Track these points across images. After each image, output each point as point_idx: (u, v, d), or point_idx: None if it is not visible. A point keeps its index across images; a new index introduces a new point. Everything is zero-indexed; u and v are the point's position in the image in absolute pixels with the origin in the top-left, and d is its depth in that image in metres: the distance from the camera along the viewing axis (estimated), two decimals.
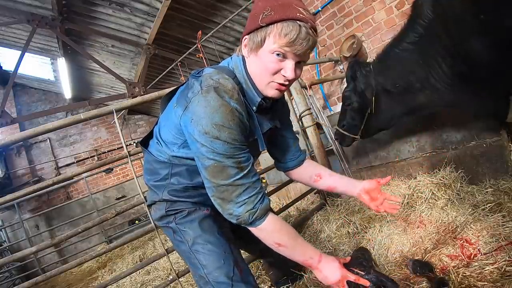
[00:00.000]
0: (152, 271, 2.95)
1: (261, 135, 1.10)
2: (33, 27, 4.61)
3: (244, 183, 0.96)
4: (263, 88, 1.00)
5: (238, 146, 0.94)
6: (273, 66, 0.93)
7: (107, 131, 8.14)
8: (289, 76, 0.93)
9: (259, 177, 1.02)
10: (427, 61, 1.61)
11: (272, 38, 0.89)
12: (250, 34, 0.94)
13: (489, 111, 1.67)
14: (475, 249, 1.35)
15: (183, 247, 1.18)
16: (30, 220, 6.03)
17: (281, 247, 1.01)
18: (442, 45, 1.52)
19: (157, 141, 1.17)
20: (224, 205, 0.98)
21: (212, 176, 0.95)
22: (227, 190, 0.95)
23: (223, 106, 0.90)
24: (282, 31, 0.87)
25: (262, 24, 0.88)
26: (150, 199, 1.24)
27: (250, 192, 0.97)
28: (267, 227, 1.00)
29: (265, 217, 1.00)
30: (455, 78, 1.56)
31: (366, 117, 1.99)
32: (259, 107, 1.06)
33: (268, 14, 0.87)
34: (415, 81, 1.71)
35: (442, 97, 1.66)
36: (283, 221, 1.06)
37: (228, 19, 4.23)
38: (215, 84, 0.93)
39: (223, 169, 0.93)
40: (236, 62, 1.05)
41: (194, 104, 0.93)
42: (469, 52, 1.44)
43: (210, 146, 0.91)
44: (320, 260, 1.02)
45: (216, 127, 0.90)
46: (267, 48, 0.91)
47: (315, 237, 2.17)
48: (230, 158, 0.93)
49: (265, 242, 1.03)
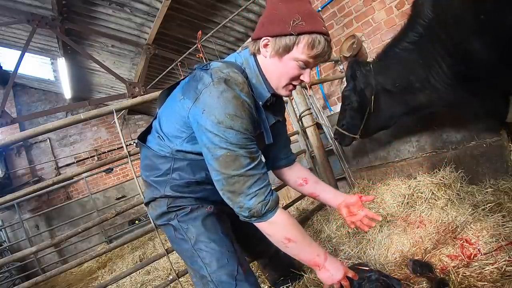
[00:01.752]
0: (152, 271, 2.95)
1: (268, 128, 1.12)
2: (33, 27, 4.61)
3: (255, 174, 0.97)
4: (279, 88, 1.05)
5: (249, 136, 0.96)
6: (295, 73, 1.00)
7: (107, 131, 8.13)
8: (307, 81, 1.02)
9: (266, 170, 1.03)
10: (427, 61, 1.61)
11: (301, 48, 0.94)
12: (275, 37, 0.97)
13: (488, 111, 1.66)
14: (475, 249, 1.35)
15: (185, 245, 1.16)
16: (30, 220, 6.03)
17: (291, 242, 1.00)
18: (441, 45, 1.52)
19: (158, 135, 1.16)
20: (234, 198, 0.98)
21: (224, 166, 0.95)
22: (239, 181, 0.95)
23: (235, 97, 0.93)
24: (312, 44, 0.93)
25: (293, 32, 0.92)
26: (148, 196, 1.21)
27: (261, 183, 0.97)
28: (279, 220, 1.00)
29: (276, 209, 1.00)
30: (454, 78, 1.56)
31: (365, 116, 1.98)
32: (265, 102, 1.09)
33: (299, 23, 0.92)
34: (414, 80, 1.71)
35: (442, 97, 1.66)
36: (292, 216, 1.06)
37: (228, 19, 4.23)
38: (226, 76, 0.96)
39: (235, 159, 0.94)
40: (246, 57, 1.08)
41: (206, 95, 0.95)
42: (468, 52, 1.44)
43: (224, 136, 0.93)
44: (326, 258, 1.03)
45: (230, 117, 0.92)
46: (293, 55, 0.96)
47: (315, 237, 2.17)
48: (243, 148, 0.95)
49: (274, 238, 1.02)
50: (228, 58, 1.14)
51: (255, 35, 1.03)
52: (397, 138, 2.59)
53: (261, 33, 1.01)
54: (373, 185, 2.58)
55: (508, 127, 1.92)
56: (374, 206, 2.14)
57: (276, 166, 1.41)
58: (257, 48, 1.03)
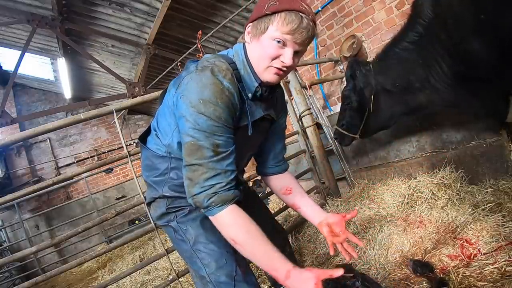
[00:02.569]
0: (152, 271, 2.95)
1: (250, 120, 1.08)
2: (33, 27, 4.61)
3: (215, 168, 0.94)
4: (261, 72, 1.03)
5: (221, 126, 0.94)
6: (273, 52, 0.98)
7: (107, 131, 8.13)
8: (287, 63, 0.98)
9: (234, 169, 0.99)
10: (426, 61, 1.61)
11: (275, 26, 0.95)
12: (254, 21, 1.00)
13: (488, 111, 1.66)
14: (475, 249, 1.35)
15: (184, 246, 1.16)
16: (30, 220, 6.03)
17: (237, 245, 0.95)
18: (441, 45, 1.52)
19: (155, 133, 1.17)
20: (190, 186, 0.96)
21: (188, 154, 0.95)
22: (197, 170, 0.94)
23: (214, 84, 0.93)
24: (285, 20, 0.93)
25: (267, 12, 0.95)
26: (149, 196, 1.22)
27: (219, 179, 0.94)
28: (224, 218, 0.96)
29: (224, 206, 0.95)
30: (454, 78, 1.56)
31: (365, 116, 1.98)
32: (255, 95, 1.07)
33: (273, 4, 0.94)
34: (414, 80, 1.71)
35: (442, 97, 1.66)
36: (248, 219, 0.96)
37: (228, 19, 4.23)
38: (210, 65, 0.97)
39: (198, 149, 0.93)
40: (236, 49, 1.09)
41: (186, 81, 0.97)
42: (468, 52, 1.44)
43: (194, 121, 0.92)
44: (288, 276, 0.88)
45: (203, 102, 0.92)
46: (269, 34, 0.97)
47: (315, 237, 2.17)
48: (209, 138, 0.93)
49: (222, 234, 0.98)
50: (223, 51, 1.16)
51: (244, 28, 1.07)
52: (397, 138, 2.59)
53: (247, 22, 1.04)
54: (373, 185, 2.58)
55: (508, 127, 1.92)
56: (374, 206, 2.14)
57: (266, 173, 1.36)
58: (244, 38, 1.07)
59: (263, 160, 1.36)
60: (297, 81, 2.77)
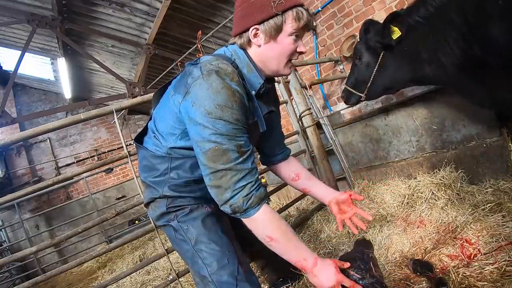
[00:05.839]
0: (152, 271, 2.95)
1: (261, 116, 1.13)
2: (33, 27, 4.61)
3: (243, 169, 0.96)
4: (281, 69, 1.09)
5: (240, 127, 0.96)
6: (292, 47, 1.04)
7: (107, 131, 8.13)
8: (304, 51, 1.07)
9: (256, 166, 1.02)
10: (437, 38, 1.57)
11: (290, 23, 1.00)
12: (262, 23, 1.01)
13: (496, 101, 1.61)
14: (475, 249, 1.35)
15: (185, 246, 1.15)
16: (30, 220, 6.03)
17: (272, 241, 0.98)
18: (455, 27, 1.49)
19: (154, 135, 1.16)
20: (220, 193, 0.96)
21: (212, 160, 0.95)
22: (226, 175, 0.94)
23: (225, 87, 0.94)
24: (297, 15, 1.00)
25: (278, 12, 0.98)
26: (148, 196, 1.21)
27: (248, 179, 0.96)
28: (261, 218, 0.98)
29: (259, 206, 0.98)
30: (464, 60, 1.52)
31: (373, 73, 1.97)
32: (258, 92, 1.10)
33: (279, 2, 0.98)
34: (423, 51, 1.68)
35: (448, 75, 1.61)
36: (279, 216, 1.03)
37: (228, 19, 4.24)
38: (216, 68, 0.97)
39: (223, 152, 0.94)
40: (234, 50, 1.10)
41: (195, 88, 0.96)
42: (486, 38, 1.40)
43: (213, 127, 0.93)
44: (315, 263, 0.97)
45: (219, 107, 0.92)
46: (287, 32, 1.02)
47: (315, 237, 2.17)
48: (232, 140, 0.94)
49: (257, 235, 1.01)
50: (217, 51, 1.15)
51: (239, 30, 1.06)
52: (397, 138, 2.59)
53: (245, 25, 1.04)
54: (373, 185, 2.58)
55: (508, 127, 1.92)
56: (374, 206, 2.14)
57: (272, 161, 1.42)
58: (246, 41, 1.07)
59: (270, 150, 1.39)
60: (297, 81, 2.77)
